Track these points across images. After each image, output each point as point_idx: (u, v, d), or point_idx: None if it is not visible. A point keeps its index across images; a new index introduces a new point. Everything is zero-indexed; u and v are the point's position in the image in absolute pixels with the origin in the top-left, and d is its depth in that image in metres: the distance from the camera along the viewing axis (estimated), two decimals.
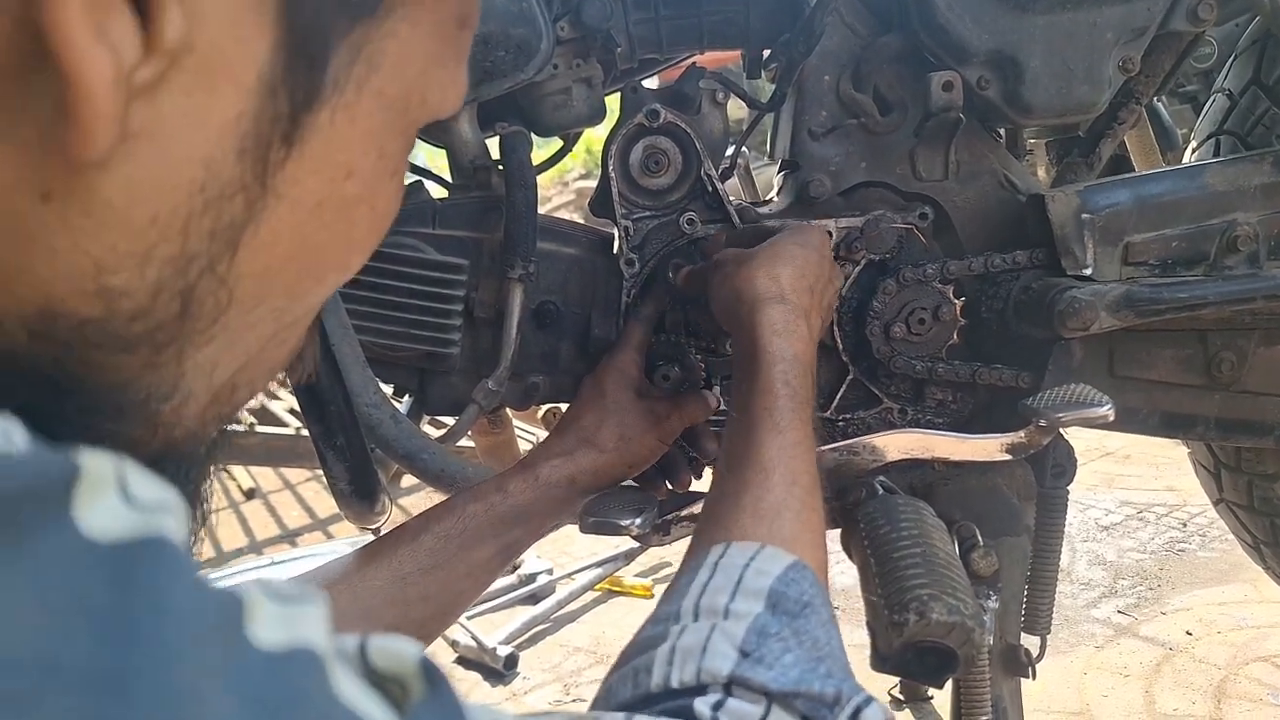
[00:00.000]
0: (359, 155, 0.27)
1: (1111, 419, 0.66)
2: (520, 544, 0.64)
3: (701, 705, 0.36)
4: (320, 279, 0.29)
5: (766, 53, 0.86)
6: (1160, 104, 1.19)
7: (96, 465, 0.19)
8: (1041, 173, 1.02)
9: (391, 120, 0.28)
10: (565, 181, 6.12)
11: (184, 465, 0.28)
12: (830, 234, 0.76)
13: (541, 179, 0.80)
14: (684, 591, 0.42)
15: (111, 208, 0.22)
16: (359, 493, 0.69)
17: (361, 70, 0.26)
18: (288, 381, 0.34)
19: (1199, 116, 1.01)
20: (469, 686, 1.52)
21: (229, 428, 0.32)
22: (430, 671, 0.23)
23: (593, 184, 0.82)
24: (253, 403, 2.71)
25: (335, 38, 0.25)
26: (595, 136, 0.97)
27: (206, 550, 2.25)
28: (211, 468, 0.31)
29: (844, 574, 1.73)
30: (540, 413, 0.94)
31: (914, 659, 0.55)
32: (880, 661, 0.57)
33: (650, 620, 0.43)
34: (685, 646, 0.39)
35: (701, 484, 0.67)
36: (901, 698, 1.32)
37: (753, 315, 0.59)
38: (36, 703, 0.15)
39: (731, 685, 0.37)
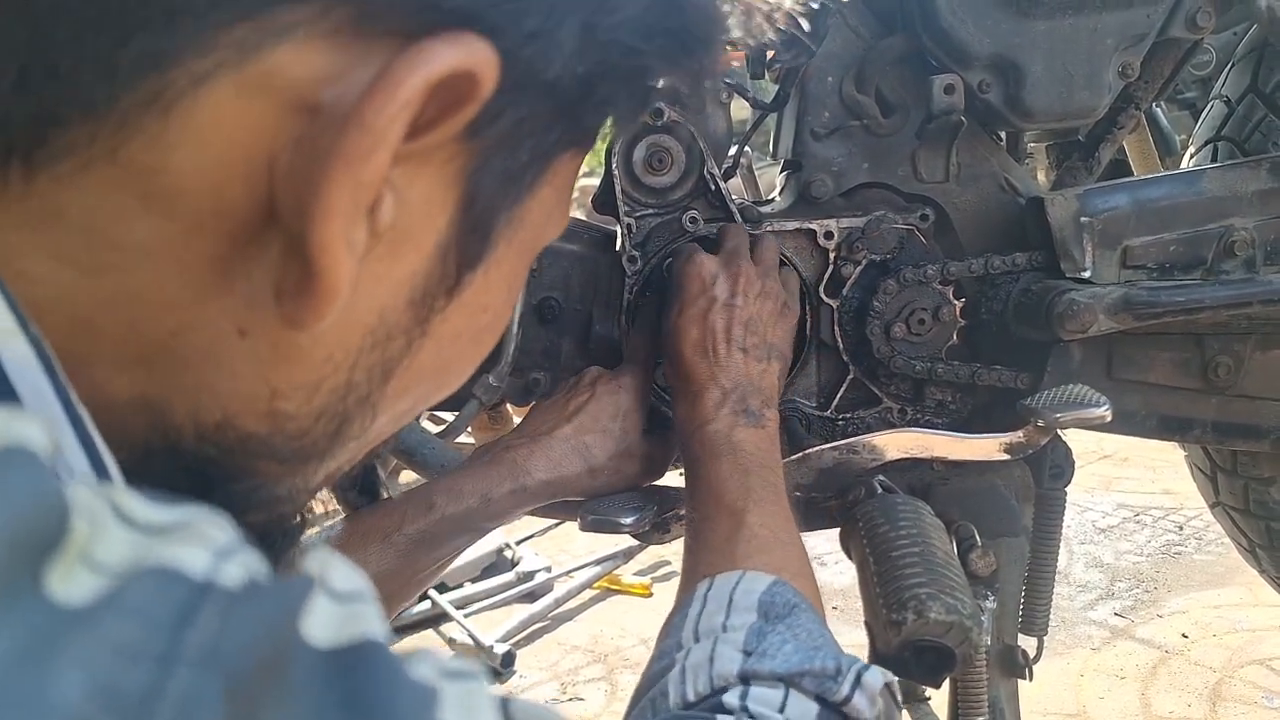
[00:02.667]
0: (496, 295, 0.30)
1: (1109, 420, 0.67)
2: (470, 543, 0.66)
3: (729, 698, 0.38)
4: (440, 391, 0.32)
5: (770, 53, 0.86)
6: (1159, 110, 1.20)
7: (318, 571, 0.20)
8: (1041, 176, 1.02)
9: (522, 260, 0.31)
10: None
11: (284, 536, 0.31)
12: (778, 250, 0.76)
13: None
14: (680, 625, 0.45)
15: (297, 349, 0.25)
16: (360, 488, 0.69)
17: (512, 230, 0.29)
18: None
19: (1197, 123, 1.02)
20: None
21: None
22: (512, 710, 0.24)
23: (595, 182, 0.83)
24: None
25: (501, 212, 0.28)
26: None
27: None
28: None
29: (843, 574, 1.73)
30: None
31: (912, 658, 0.56)
32: (878, 660, 0.57)
33: (654, 658, 0.45)
34: (693, 664, 0.41)
35: None
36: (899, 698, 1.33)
37: (676, 415, 0.64)
38: None
39: (746, 679, 0.39)
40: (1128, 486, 2.01)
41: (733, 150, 0.88)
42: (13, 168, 0.22)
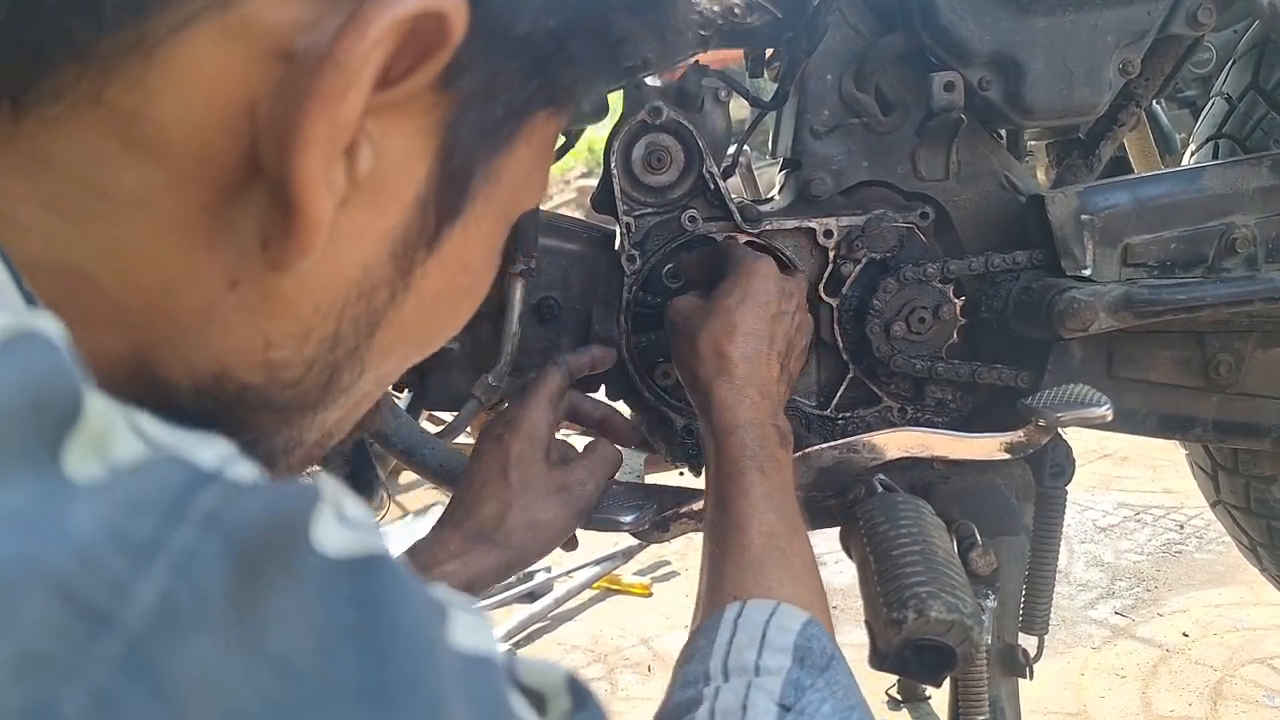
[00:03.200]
0: (475, 253, 0.31)
1: (1110, 419, 0.66)
2: None
3: None
4: (424, 350, 0.33)
5: (769, 52, 0.86)
6: (1159, 108, 1.20)
7: (329, 496, 0.21)
8: (1041, 175, 1.02)
9: (501, 221, 0.32)
10: (567, 179, 6.12)
11: None
12: (799, 276, 0.74)
13: None
14: (708, 652, 0.43)
15: (286, 298, 0.26)
16: (357, 486, 0.69)
17: (489, 187, 0.30)
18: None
19: (1197, 121, 1.01)
20: None
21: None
22: (577, 689, 0.25)
23: (594, 182, 0.82)
24: None
25: (478, 165, 0.29)
26: (597, 135, 0.97)
27: None
28: None
29: (843, 573, 1.73)
30: None
31: (912, 657, 0.55)
32: (879, 659, 0.57)
33: (678, 684, 0.43)
34: (724, 708, 0.40)
35: (701, 481, 0.67)
36: (899, 697, 1.33)
37: (706, 398, 0.61)
38: (318, 712, 0.17)
39: None
40: (1128, 485, 2.01)
41: (731, 149, 0.87)
42: (2, 108, 0.22)
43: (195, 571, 0.16)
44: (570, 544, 0.67)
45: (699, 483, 0.72)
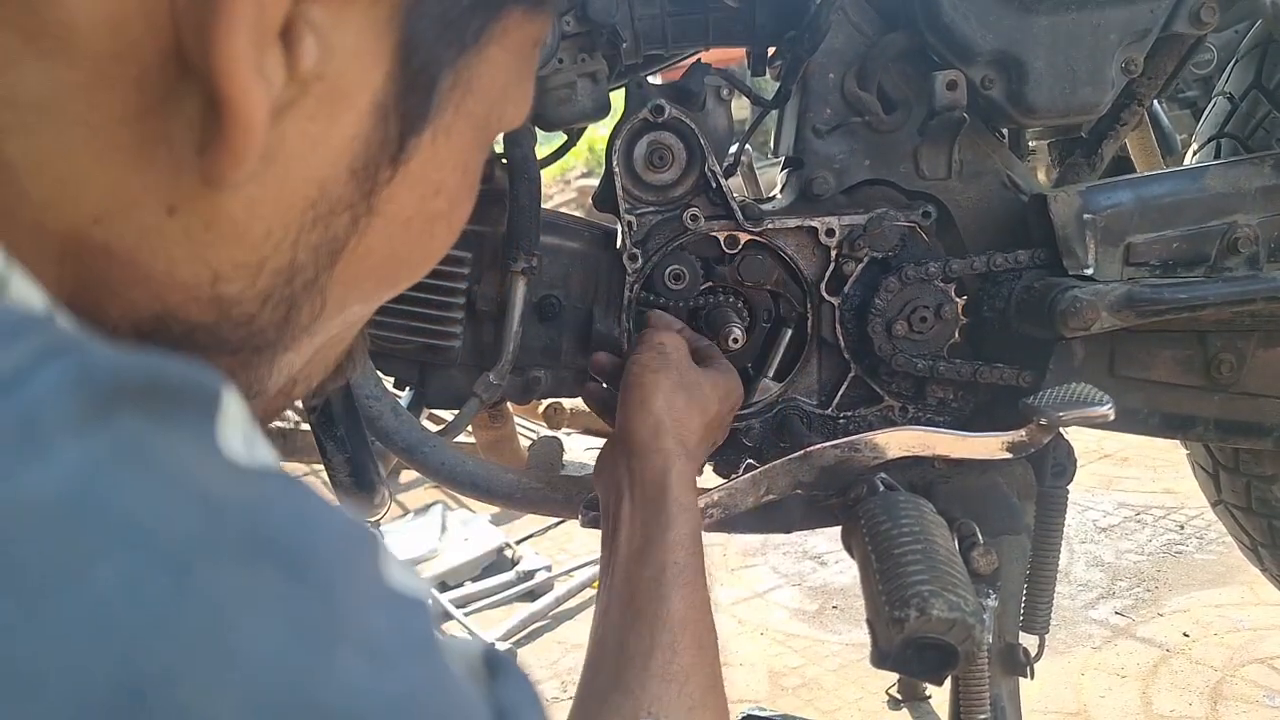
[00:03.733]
0: (448, 173, 0.28)
1: (1112, 418, 0.66)
2: None
3: None
4: (395, 286, 0.30)
5: (771, 50, 0.86)
6: (1161, 109, 1.19)
7: (236, 406, 0.19)
8: (1043, 175, 1.02)
9: (477, 138, 0.29)
10: (567, 180, 6.12)
11: None
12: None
13: (544, 177, 0.80)
14: None
15: (233, 223, 0.23)
16: (358, 484, 0.69)
17: (459, 94, 0.27)
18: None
19: (1198, 122, 1.01)
20: None
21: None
22: (493, 659, 0.24)
23: (595, 182, 0.82)
24: None
25: (443, 66, 0.26)
26: (598, 135, 0.97)
27: None
28: None
29: (843, 573, 1.73)
30: (541, 408, 0.94)
31: (914, 655, 0.55)
32: (880, 658, 0.57)
33: None
34: None
35: (702, 479, 0.67)
36: (900, 697, 1.33)
37: (665, 471, 0.55)
38: (202, 558, 0.16)
39: None
40: (1129, 486, 2.01)
41: (733, 148, 0.87)
42: None
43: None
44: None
45: (700, 481, 0.72)
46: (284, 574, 0.17)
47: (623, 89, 0.80)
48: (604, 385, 0.73)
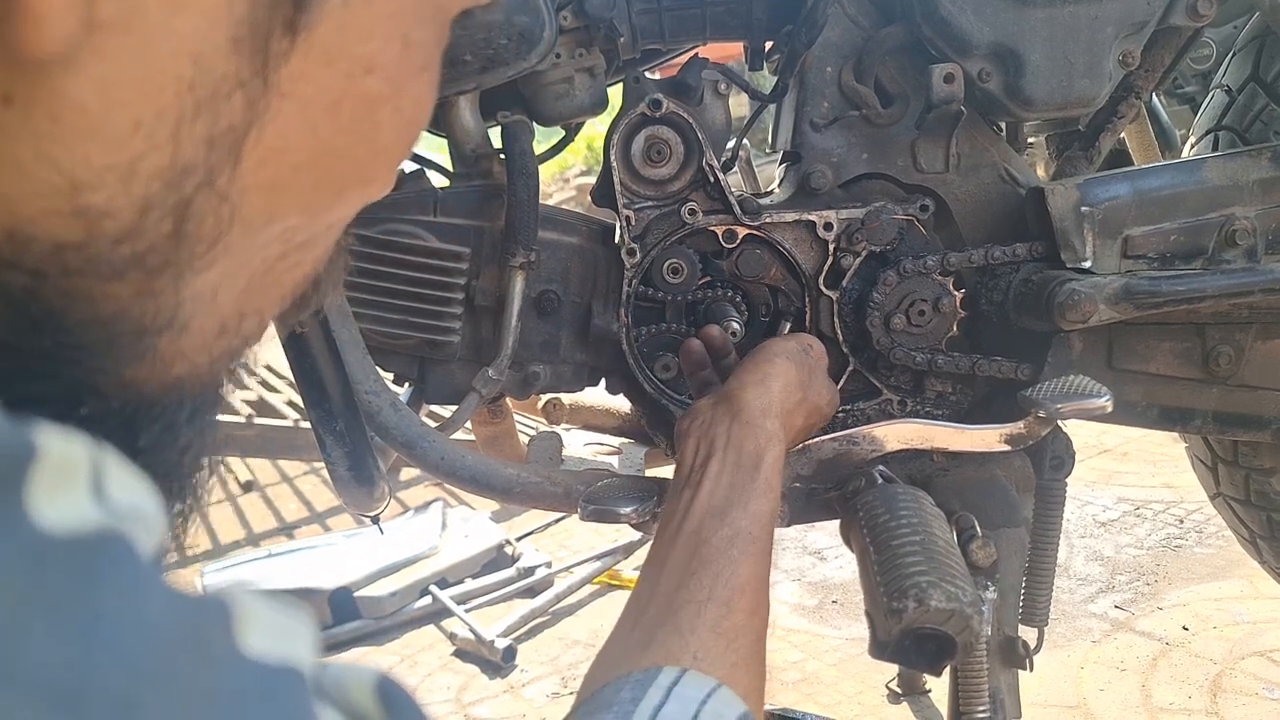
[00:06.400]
0: (380, 46, 0.23)
1: (1110, 411, 0.66)
2: None
3: None
4: (340, 192, 0.25)
5: (769, 44, 0.86)
6: (1159, 103, 1.19)
7: (63, 450, 0.16)
8: (1041, 171, 1.02)
9: (417, 4, 0.24)
10: (566, 178, 6.12)
11: (192, 406, 0.25)
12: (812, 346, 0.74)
13: (542, 174, 0.80)
14: (630, 710, 0.40)
15: (84, 112, 0.19)
16: (358, 478, 0.69)
17: None
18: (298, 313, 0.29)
19: (1196, 117, 1.01)
20: (467, 679, 1.52)
21: (239, 368, 0.30)
22: (388, 694, 0.21)
23: (593, 180, 0.82)
24: (249, 394, 2.71)
25: None
26: (596, 133, 0.97)
27: (204, 543, 2.25)
28: (217, 414, 0.27)
29: (843, 568, 1.73)
30: (540, 403, 0.94)
31: (912, 646, 0.55)
32: (879, 649, 0.57)
33: (585, 709, 0.41)
34: None
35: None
36: (900, 691, 1.33)
37: (765, 449, 0.58)
38: None
39: None
40: (1128, 480, 2.01)
41: (731, 143, 0.87)
42: None
43: None
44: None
45: None
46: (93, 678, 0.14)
47: (620, 84, 0.80)
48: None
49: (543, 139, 0.84)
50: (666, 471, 0.87)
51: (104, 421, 0.21)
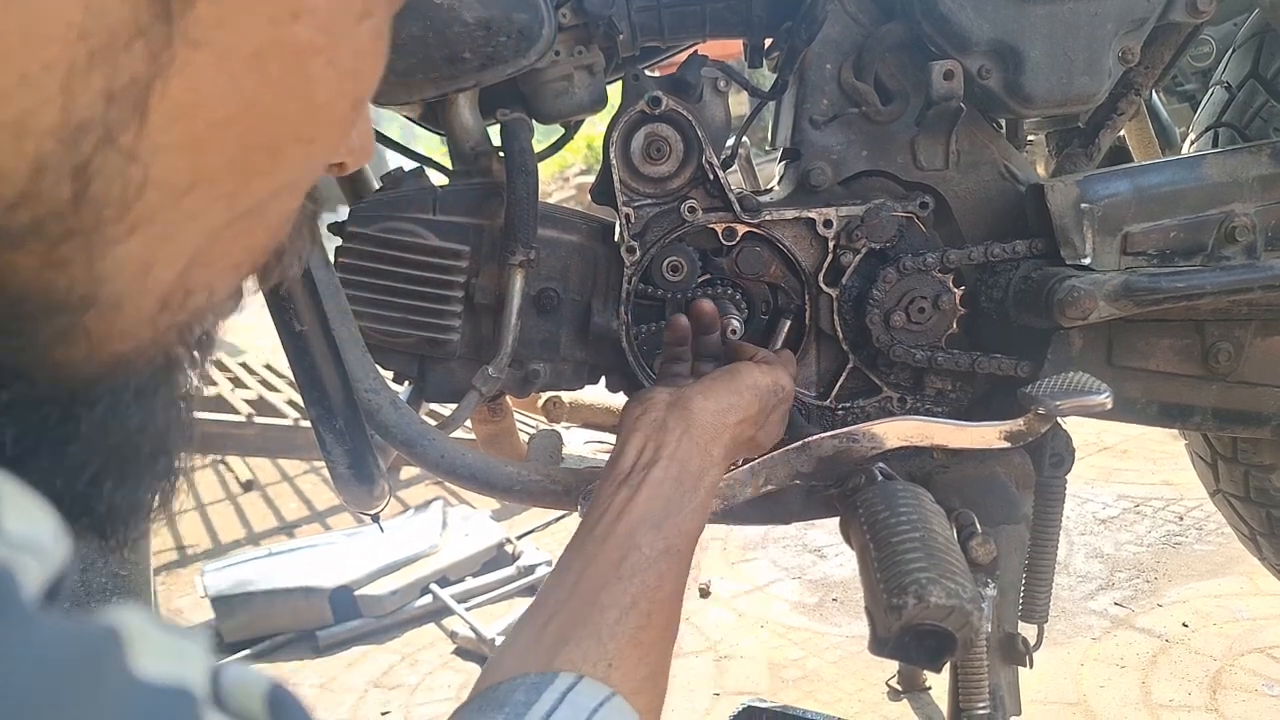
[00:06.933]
0: None
1: (1110, 407, 0.66)
2: None
3: None
4: (274, 153, 0.23)
5: (768, 42, 0.86)
6: (1159, 101, 1.19)
7: None
8: (1041, 168, 1.02)
9: None
10: (566, 177, 6.11)
11: (138, 384, 0.23)
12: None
13: (542, 172, 0.79)
14: (521, 713, 0.40)
15: None
16: (358, 477, 0.69)
17: None
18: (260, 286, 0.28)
19: (1196, 114, 1.01)
20: (468, 677, 1.52)
21: (206, 345, 0.26)
22: (277, 702, 0.21)
23: (593, 178, 0.82)
24: (250, 394, 2.71)
25: None
26: (596, 131, 0.97)
27: (204, 542, 2.25)
28: (189, 388, 0.26)
29: (843, 566, 1.73)
30: (540, 401, 0.94)
31: (912, 643, 0.55)
32: (879, 645, 0.57)
33: (480, 707, 0.41)
34: None
35: None
36: (900, 688, 1.33)
37: (704, 472, 0.58)
38: None
39: None
40: (1128, 478, 2.01)
41: (730, 141, 0.87)
42: None
43: None
44: None
45: None
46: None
47: (620, 82, 0.80)
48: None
49: (542, 137, 0.84)
50: None
51: (36, 406, 0.20)
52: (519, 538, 1.96)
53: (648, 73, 0.81)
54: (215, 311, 0.25)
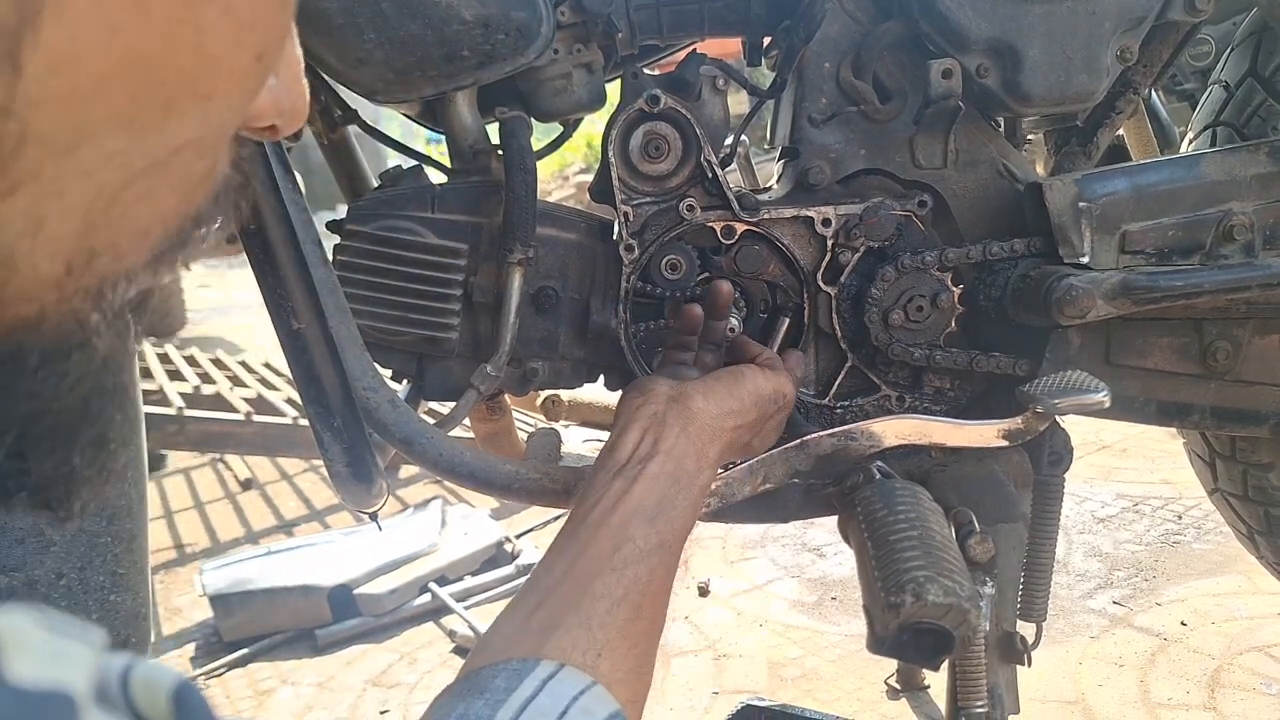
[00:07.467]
0: None
1: (1107, 406, 0.66)
2: None
3: None
4: (167, 108, 0.21)
5: (767, 40, 0.86)
6: (1158, 100, 1.19)
7: None
8: (1039, 166, 1.02)
9: None
10: (565, 175, 6.11)
11: (42, 352, 0.22)
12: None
13: (541, 171, 0.79)
14: (502, 699, 0.40)
15: None
16: (357, 475, 0.69)
17: None
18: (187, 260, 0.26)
19: (1194, 113, 1.01)
20: None
21: (136, 309, 0.26)
22: (183, 698, 0.20)
23: (592, 177, 0.82)
24: (248, 392, 2.71)
25: None
26: (595, 130, 0.97)
27: (203, 541, 2.25)
28: (114, 354, 0.25)
29: (841, 565, 1.73)
30: (539, 400, 0.94)
31: (910, 641, 0.55)
32: (877, 644, 0.57)
33: (464, 687, 0.41)
34: None
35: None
36: (898, 687, 1.33)
37: (698, 473, 0.58)
38: None
39: None
40: (1127, 477, 2.01)
41: (729, 139, 0.87)
42: None
43: None
44: None
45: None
46: None
47: (618, 80, 0.80)
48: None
49: (541, 135, 0.84)
50: None
51: None
52: (518, 536, 1.96)
53: (646, 71, 0.81)
54: (128, 276, 0.24)
